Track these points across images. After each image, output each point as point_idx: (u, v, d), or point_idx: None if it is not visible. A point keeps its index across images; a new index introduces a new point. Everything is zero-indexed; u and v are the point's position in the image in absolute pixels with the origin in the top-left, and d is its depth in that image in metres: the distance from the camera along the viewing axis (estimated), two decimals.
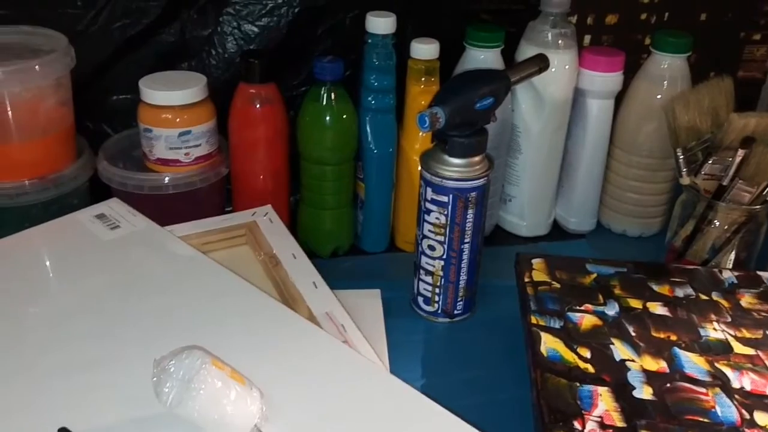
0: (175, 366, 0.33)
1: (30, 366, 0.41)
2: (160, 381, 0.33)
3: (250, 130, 0.64)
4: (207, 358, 0.34)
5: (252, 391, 0.35)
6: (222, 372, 0.34)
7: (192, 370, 0.33)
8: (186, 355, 0.34)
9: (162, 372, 0.33)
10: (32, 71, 0.56)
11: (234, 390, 0.34)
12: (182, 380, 0.33)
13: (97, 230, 0.54)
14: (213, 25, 0.71)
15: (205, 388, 0.33)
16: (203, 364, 0.33)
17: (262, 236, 0.59)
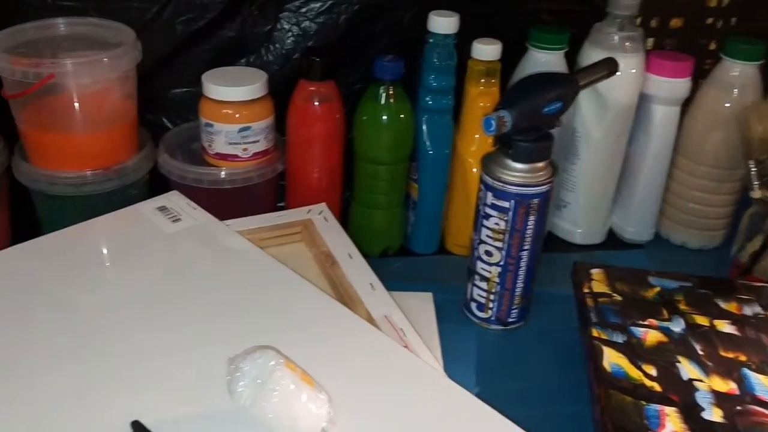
0: (248, 365, 0.34)
1: (100, 355, 0.41)
2: (233, 379, 0.33)
3: (308, 127, 0.64)
4: (280, 359, 0.34)
5: (320, 394, 0.35)
6: (294, 374, 0.34)
7: (266, 371, 0.33)
8: (259, 355, 0.34)
9: (236, 370, 0.33)
10: (101, 64, 0.57)
11: (305, 392, 0.34)
12: (256, 380, 0.33)
13: (159, 222, 0.55)
14: (272, 22, 0.71)
15: (279, 389, 0.33)
16: (277, 366, 0.33)
17: (318, 234, 0.59)
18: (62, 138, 0.60)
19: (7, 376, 0.40)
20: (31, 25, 0.61)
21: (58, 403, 0.38)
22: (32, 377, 0.39)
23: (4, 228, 0.66)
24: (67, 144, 0.60)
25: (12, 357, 0.41)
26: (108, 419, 0.36)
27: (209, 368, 0.38)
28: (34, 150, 0.61)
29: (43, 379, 0.39)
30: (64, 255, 0.51)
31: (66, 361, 0.41)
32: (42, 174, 0.60)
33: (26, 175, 0.61)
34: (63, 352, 0.41)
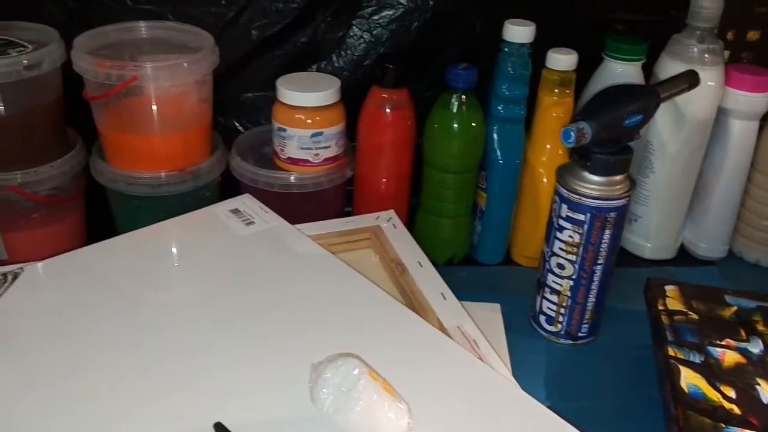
0: (332, 372, 0.34)
1: (182, 356, 0.42)
2: (316, 386, 0.34)
3: (379, 134, 0.64)
4: (364, 368, 0.34)
5: (401, 405, 0.35)
6: (377, 383, 0.34)
7: (349, 379, 0.33)
8: (342, 363, 0.34)
9: (319, 377, 0.34)
10: (181, 68, 0.58)
11: (387, 402, 0.34)
12: (340, 387, 0.33)
13: (233, 225, 0.56)
14: (345, 29, 0.71)
15: (363, 399, 0.33)
16: (361, 375, 0.33)
17: (387, 241, 0.59)
18: (140, 139, 0.61)
19: (92, 375, 0.41)
20: (112, 27, 0.63)
21: (141, 403, 0.39)
22: (114, 376, 0.40)
23: (80, 225, 0.68)
24: (145, 145, 0.62)
25: (94, 356, 0.42)
26: (190, 420, 0.37)
27: (290, 373, 0.38)
28: (112, 150, 0.63)
29: (124, 379, 0.40)
30: (143, 254, 0.52)
31: (148, 361, 0.41)
32: (120, 174, 0.62)
33: (104, 174, 0.62)
34: (144, 353, 0.42)
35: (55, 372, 0.40)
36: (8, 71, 0.56)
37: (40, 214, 0.63)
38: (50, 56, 0.58)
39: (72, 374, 0.40)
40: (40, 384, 0.39)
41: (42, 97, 0.60)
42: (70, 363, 0.41)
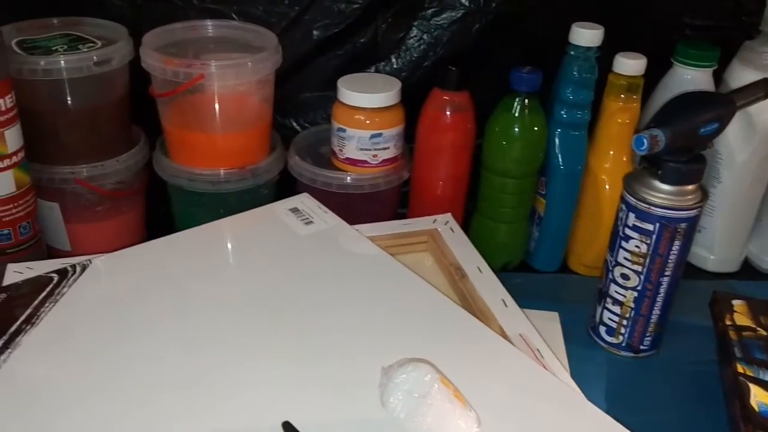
0: (403, 377, 0.33)
1: (249, 354, 0.42)
2: (387, 390, 0.33)
3: (438, 136, 0.63)
4: (436, 374, 0.34)
5: (470, 413, 0.34)
6: (448, 390, 0.34)
7: (420, 385, 0.33)
8: (413, 368, 0.34)
9: (390, 381, 0.33)
10: (245, 67, 0.59)
11: (458, 410, 0.33)
12: (411, 393, 0.33)
13: (292, 224, 0.56)
14: (405, 30, 0.71)
15: (435, 405, 0.32)
16: (434, 382, 0.33)
17: (445, 245, 0.58)
18: (203, 137, 0.62)
19: (154, 372, 0.41)
20: (179, 25, 0.64)
21: (206, 400, 0.39)
22: (178, 375, 0.41)
23: (140, 219, 0.69)
24: (207, 143, 0.62)
25: (157, 352, 0.42)
26: (259, 417, 0.37)
27: (357, 375, 0.38)
28: (175, 147, 0.64)
29: (190, 376, 0.40)
30: (206, 250, 0.53)
31: (212, 359, 0.42)
32: (182, 170, 0.62)
33: (167, 170, 0.63)
34: (210, 351, 0.42)
35: (117, 366, 0.41)
36: (79, 66, 0.57)
37: (104, 207, 0.64)
38: (119, 53, 0.59)
39: (134, 369, 0.41)
40: (104, 376, 0.40)
41: (110, 92, 0.61)
42: (131, 357, 0.41)
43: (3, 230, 0.56)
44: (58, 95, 0.58)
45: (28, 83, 0.56)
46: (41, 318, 0.44)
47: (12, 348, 0.41)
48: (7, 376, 0.39)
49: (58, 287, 0.47)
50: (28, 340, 0.42)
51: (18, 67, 0.55)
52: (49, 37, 0.61)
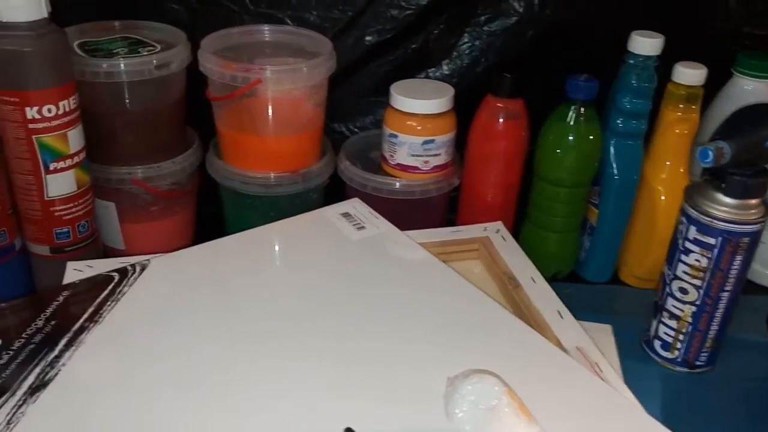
0: (468, 388, 0.33)
1: (310, 359, 0.42)
2: (452, 401, 0.33)
3: (491, 144, 0.63)
4: (503, 387, 0.33)
5: (536, 428, 0.34)
6: (515, 404, 0.33)
7: (487, 397, 0.32)
8: (479, 380, 0.33)
9: (455, 392, 0.33)
10: (300, 72, 0.59)
11: (523, 424, 0.33)
12: (478, 405, 0.32)
13: (344, 229, 0.56)
14: (457, 36, 0.71)
15: (502, 419, 0.32)
16: (501, 394, 0.33)
17: (497, 254, 0.58)
18: (257, 140, 0.63)
19: (216, 376, 0.41)
20: (236, 29, 0.65)
21: (263, 404, 0.39)
22: (238, 376, 0.41)
23: (192, 220, 0.70)
24: (261, 146, 0.63)
25: (214, 356, 0.43)
26: (320, 422, 0.37)
27: (419, 384, 0.38)
28: (229, 149, 0.64)
29: (250, 379, 0.41)
30: (262, 253, 0.53)
31: (272, 364, 0.42)
32: (235, 173, 0.63)
33: (221, 172, 0.64)
34: (270, 354, 0.42)
35: (176, 365, 0.41)
36: (140, 70, 0.58)
37: (158, 207, 0.65)
38: (179, 57, 0.60)
39: (192, 370, 0.41)
40: (163, 375, 0.40)
41: (167, 95, 0.62)
42: (190, 358, 0.42)
43: (63, 228, 0.57)
44: (117, 97, 0.60)
45: (89, 85, 0.57)
46: (104, 316, 0.44)
47: (76, 345, 0.42)
48: (72, 372, 0.40)
49: (119, 286, 0.47)
50: (91, 338, 0.42)
51: (81, 69, 0.56)
52: (110, 39, 0.62)
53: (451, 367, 0.39)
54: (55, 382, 0.39)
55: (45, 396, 0.38)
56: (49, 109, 0.52)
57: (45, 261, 0.58)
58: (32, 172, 0.54)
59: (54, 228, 0.56)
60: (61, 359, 0.41)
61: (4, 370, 0.39)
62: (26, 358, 0.40)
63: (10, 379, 0.39)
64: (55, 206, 0.56)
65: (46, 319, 0.44)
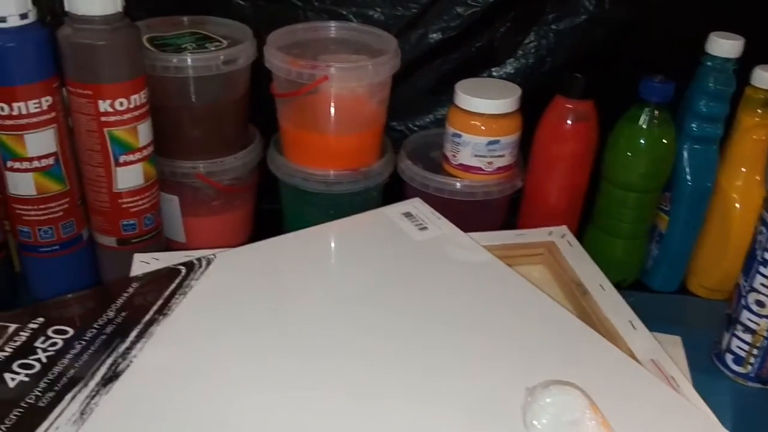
0: (549, 400, 0.32)
1: (379, 363, 0.41)
2: (531, 411, 0.32)
3: (558, 145, 0.61)
4: (585, 400, 0.32)
5: None
6: (598, 418, 0.32)
7: (570, 410, 0.31)
8: (560, 391, 0.32)
9: (534, 402, 0.32)
10: (366, 70, 0.59)
11: None
12: (558, 417, 0.31)
13: (407, 229, 0.55)
14: (523, 34, 0.69)
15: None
16: (584, 408, 0.32)
17: (563, 259, 0.56)
18: (319, 137, 0.62)
19: (282, 374, 0.41)
20: (302, 26, 0.65)
21: (333, 406, 0.38)
22: (303, 376, 0.40)
23: (250, 215, 0.71)
24: (323, 143, 0.63)
25: (285, 354, 0.42)
26: (386, 428, 0.36)
27: (494, 393, 0.37)
28: (290, 145, 0.64)
29: (314, 380, 0.40)
30: (325, 250, 0.53)
31: (346, 366, 0.41)
32: (297, 170, 0.63)
33: (282, 169, 0.64)
34: (335, 356, 0.42)
35: (242, 361, 0.41)
36: (207, 65, 0.58)
37: (219, 202, 0.65)
38: (245, 53, 0.60)
39: (258, 367, 0.41)
40: (229, 371, 0.40)
41: (233, 91, 0.62)
42: (257, 354, 0.42)
43: (129, 221, 0.58)
44: (184, 92, 0.60)
45: (157, 79, 0.57)
46: (172, 309, 0.45)
47: (146, 337, 0.42)
48: (144, 364, 0.40)
49: (186, 280, 0.48)
50: (161, 331, 0.43)
51: (151, 64, 0.57)
52: (178, 35, 0.62)
53: (524, 376, 0.38)
54: (127, 374, 0.39)
55: (117, 387, 0.38)
56: (121, 103, 0.52)
57: (111, 252, 0.59)
58: (102, 165, 0.55)
59: (121, 220, 0.57)
60: (132, 351, 0.41)
61: (77, 360, 0.40)
62: (98, 349, 0.41)
63: (83, 369, 0.39)
64: (123, 198, 0.56)
65: (116, 310, 0.44)
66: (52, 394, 0.37)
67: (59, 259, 0.58)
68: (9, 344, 0.41)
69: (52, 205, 0.55)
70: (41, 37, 0.51)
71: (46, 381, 0.38)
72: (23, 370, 0.39)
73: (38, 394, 0.37)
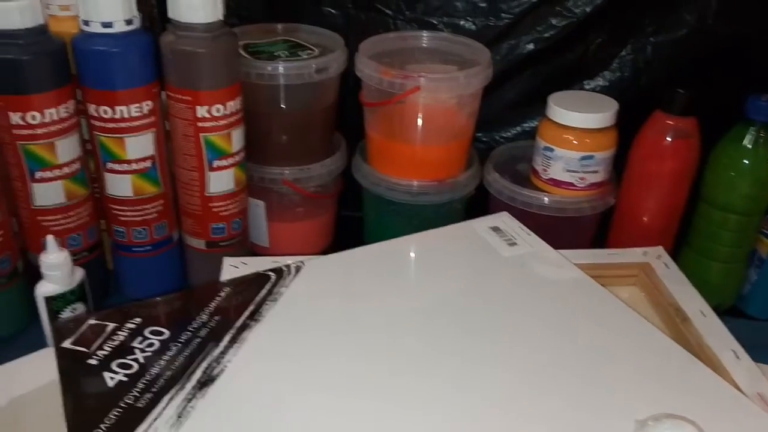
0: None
1: (475, 388, 0.40)
2: None
3: (657, 163, 0.59)
4: None
5: None
6: None
7: None
8: (673, 426, 0.31)
9: None
10: (457, 81, 0.58)
11: None
12: None
13: (495, 244, 0.54)
14: (619, 47, 0.67)
15: None
16: None
17: (660, 282, 0.54)
18: (407, 147, 0.62)
19: (370, 383, 0.40)
20: (393, 35, 0.65)
21: (436, 425, 0.38)
22: (392, 388, 0.40)
23: (332, 222, 0.71)
24: (410, 153, 0.62)
25: (374, 365, 0.42)
26: None
27: (598, 426, 0.35)
28: (376, 154, 0.64)
29: (403, 395, 0.39)
30: (413, 262, 0.53)
31: (431, 385, 0.40)
32: (383, 179, 0.63)
33: (368, 177, 0.64)
34: (422, 374, 0.41)
35: (330, 370, 0.41)
36: (300, 73, 0.59)
37: (303, 208, 0.66)
38: (337, 61, 0.60)
39: (348, 376, 0.40)
40: (317, 379, 0.40)
41: (322, 99, 0.63)
42: (347, 364, 0.41)
43: (219, 224, 0.59)
44: (275, 99, 0.61)
45: (249, 86, 0.58)
46: (263, 315, 0.45)
47: (239, 343, 0.42)
48: (238, 370, 0.40)
49: (276, 286, 0.48)
50: (253, 337, 0.43)
51: (246, 71, 0.58)
52: (271, 42, 0.63)
53: (629, 406, 0.36)
54: (222, 378, 0.39)
55: (213, 391, 0.38)
56: (218, 109, 0.53)
57: (199, 254, 0.60)
58: (196, 169, 0.56)
59: (211, 223, 0.58)
60: (226, 355, 0.41)
61: (173, 362, 0.40)
62: (193, 352, 0.41)
63: (179, 372, 0.40)
64: (214, 202, 0.57)
65: (209, 313, 0.45)
66: (149, 396, 0.38)
67: (150, 260, 0.59)
68: (108, 343, 0.42)
69: (147, 207, 0.57)
70: (145, 42, 0.52)
71: (143, 382, 0.39)
72: (121, 370, 0.40)
73: (136, 394, 0.38)
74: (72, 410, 0.37)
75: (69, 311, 0.52)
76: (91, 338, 0.43)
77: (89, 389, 0.39)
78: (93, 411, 0.37)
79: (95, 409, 0.37)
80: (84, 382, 0.39)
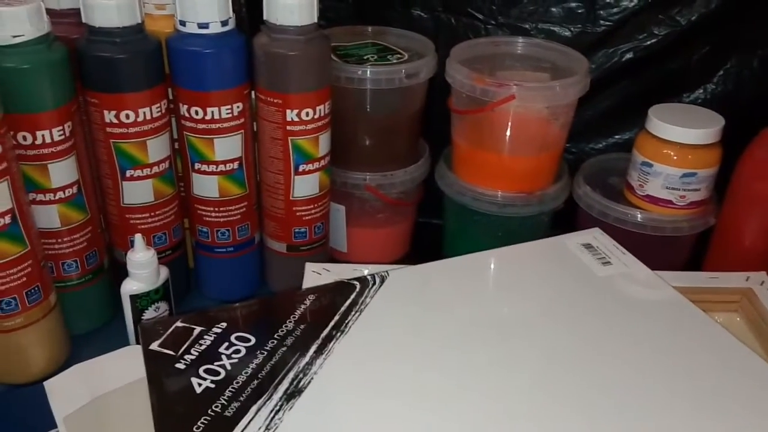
0: None
1: (553, 411, 0.38)
2: None
3: (764, 183, 0.55)
4: None
5: None
6: None
7: None
8: None
9: None
10: (553, 91, 0.56)
11: None
12: None
13: (588, 262, 0.51)
14: (724, 59, 0.63)
15: None
16: None
17: (765, 310, 0.50)
18: (495, 157, 0.60)
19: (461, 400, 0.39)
20: (484, 40, 0.63)
21: None
22: (480, 405, 0.38)
23: (410, 230, 0.69)
24: (498, 163, 0.60)
25: (460, 380, 0.40)
26: None
27: None
28: (462, 163, 0.62)
29: (491, 411, 0.38)
30: (503, 277, 0.51)
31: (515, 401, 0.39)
32: (469, 189, 0.61)
33: (452, 186, 0.62)
34: (510, 390, 0.39)
35: (415, 385, 0.39)
36: (390, 78, 0.57)
37: (383, 215, 0.65)
38: (427, 67, 0.59)
39: (437, 392, 0.39)
40: (404, 395, 0.39)
41: (410, 104, 0.61)
42: (433, 380, 0.40)
43: (301, 228, 0.58)
44: (363, 103, 0.60)
45: (337, 90, 0.57)
46: (349, 326, 0.44)
47: (326, 354, 0.41)
48: (325, 382, 0.39)
49: (361, 296, 0.47)
50: (339, 348, 0.42)
51: (336, 75, 0.57)
52: (360, 45, 0.62)
53: None
54: (309, 390, 0.38)
55: (300, 403, 0.37)
56: (307, 113, 0.53)
57: (280, 257, 0.60)
58: (282, 172, 0.55)
59: (293, 227, 0.58)
60: (313, 366, 0.40)
61: (260, 371, 0.40)
62: (279, 361, 0.41)
63: (266, 381, 0.39)
64: (298, 206, 0.57)
65: (295, 321, 0.44)
66: (237, 404, 0.37)
67: (232, 261, 0.59)
68: (195, 347, 0.42)
69: (232, 208, 0.56)
70: (239, 44, 0.52)
71: (231, 390, 0.38)
72: (209, 376, 0.40)
73: (224, 402, 0.38)
74: (161, 415, 0.37)
75: (152, 310, 0.52)
76: (178, 341, 0.42)
77: (178, 394, 0.38)
78: (182, 417, 0.37)
79: (184, 415, 0.37)
80: (172, 386, 0.39)
